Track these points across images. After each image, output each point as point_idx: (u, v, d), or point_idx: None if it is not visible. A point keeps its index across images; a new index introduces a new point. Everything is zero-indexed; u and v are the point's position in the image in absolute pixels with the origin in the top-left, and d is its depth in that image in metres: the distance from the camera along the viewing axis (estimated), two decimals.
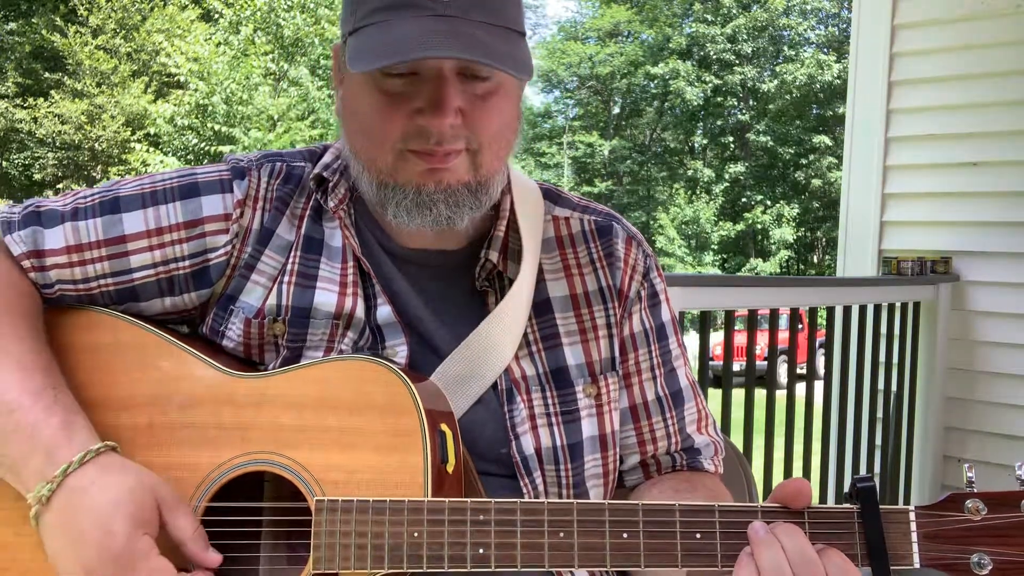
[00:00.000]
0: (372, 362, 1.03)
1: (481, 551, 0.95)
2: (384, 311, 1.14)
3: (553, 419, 1.15)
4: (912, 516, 0.94)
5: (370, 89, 1.05)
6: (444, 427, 1.02)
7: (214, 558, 0.99)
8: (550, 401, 1.16)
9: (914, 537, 0.93)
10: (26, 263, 1.11)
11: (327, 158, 1.20)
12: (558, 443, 1.15)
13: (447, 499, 0.97)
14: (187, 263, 1.14)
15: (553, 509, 0.96)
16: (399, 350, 1.13)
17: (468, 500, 0.97)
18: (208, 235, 1.14)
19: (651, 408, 1.24)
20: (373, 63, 0.99)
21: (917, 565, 0.94)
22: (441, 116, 1.02)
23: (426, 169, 1.06)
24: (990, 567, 0.92)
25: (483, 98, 1.06)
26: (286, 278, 1.14)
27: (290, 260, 1.15)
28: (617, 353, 1.21)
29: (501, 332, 1.14)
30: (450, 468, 1.01)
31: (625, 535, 0.95)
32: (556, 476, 1.15)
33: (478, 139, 1.06)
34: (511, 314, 1.15)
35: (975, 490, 0.95)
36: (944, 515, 0.94)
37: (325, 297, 1.13)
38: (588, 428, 1.17)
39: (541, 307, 1.19)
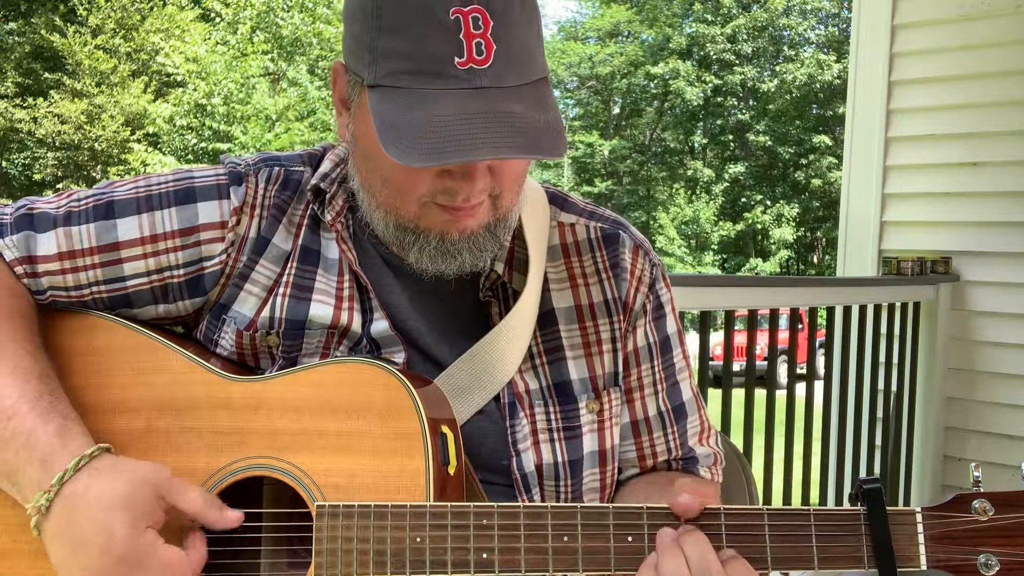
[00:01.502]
0: (371, 364, 1.02)
1: (485, 556, 0.94)
2: (380, 325, 1.11)
3: (555, 435, 1.14)
4: (919, 518, 0.93)
5: None
6: (445, 428, 1.01)
7: (234, 515, 0.98)
8: (552, 416, 1.14)
9: (921, 539, 0.93)
10: (18, 269, 1.10)
11: (325, 166, 1.16)
12: (559, 459, 1.13)
13: (449, 503, 0.96)
14: (181, 271, 1.12)
15: (557, 513, 0.95)
16: (396, 357, 1.11)
17: (471, 504, 0.96)
18: (203, 243, 1.11)
19: (652, 423, 1.22)
20: (417, 159, 0.93)
21: (924, 567, 0.93)
22: (472, 181, 1.00)
23: (450, 219, 1.04)
24: (997, 568, 0.91)
25: None
26: (281, 289, 1.12)
27: (286, 271, 1.13)
28: (620, 368, 1.19)
29: (507, 345, 1.11)
30: (452, 470, 1.00)
31: (630, 539, 0.94)
32: (555, 491, 1.13)
33: (501, 187, 1.04)
34: (518, 327, 1.12)
35: (982, 490, 0.93)
36: (951, 516, 0.93)
37: (320, 310, 1.11)
38: (589, 444, 1.16)
39: (545, 318, 1.16)
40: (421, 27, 0.94)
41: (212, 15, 21.42)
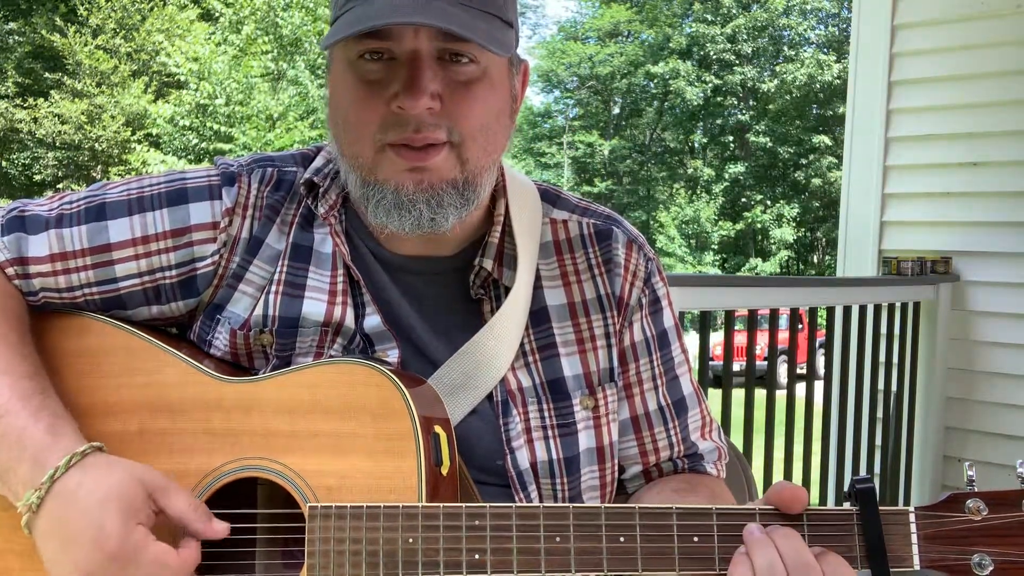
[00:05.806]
0: (363, 365, 1.01)
1: (477, 556, 0.94)
2: (373, 320, 1.11)
3: (549, 432, 1.13)
4: (912, 517, 0.92)
5: (350, 78, 1.03)
6: (438, 429, 1.01)
7: (221, 527, 0.98)
8: (546, 414, 1.13)
9: (914, 539, 0.92)
10: (10, 270, 1.09)
11: (318, 162, 1.16)
12: (554, 456, 1.12)
13: (441, 504, 0.95)
14: (174, 272, 1.11)
15: (549, 513, 0.95)
16: (390, 354, 1.11)
17: (463, 505, 0.95)
18: (195, 244, 1.11)
19: (653, 419, 1.20)
20: (335, 36, 0.97)
21: (917, 567, 0.92)
22: (415, 97, 0.97)
23: (407, 168, 1.02)
24: (991, 568, 0.91)
25: (465, 85, 1.01)
26: (273, 287, 1.12)
27: (278, 270, 1.12)
28: (616, 364, 1.18)
29: (497, 343, 1.11)
30: (445, 470, 1.00)
31: (622, 539, 0.94)
32: (552, 489, 1.12)
33: (460, 130, 1.02)
34: (507, 324, 1.11)
35: (976, 489, 0.93)
36: (944, 516, 0.92)
37: (313, 307, 1.11)
38: (585, 440, 1.14)
39: (538, 316, 1.15)
40: None
41: (213, 15, 21.42)
